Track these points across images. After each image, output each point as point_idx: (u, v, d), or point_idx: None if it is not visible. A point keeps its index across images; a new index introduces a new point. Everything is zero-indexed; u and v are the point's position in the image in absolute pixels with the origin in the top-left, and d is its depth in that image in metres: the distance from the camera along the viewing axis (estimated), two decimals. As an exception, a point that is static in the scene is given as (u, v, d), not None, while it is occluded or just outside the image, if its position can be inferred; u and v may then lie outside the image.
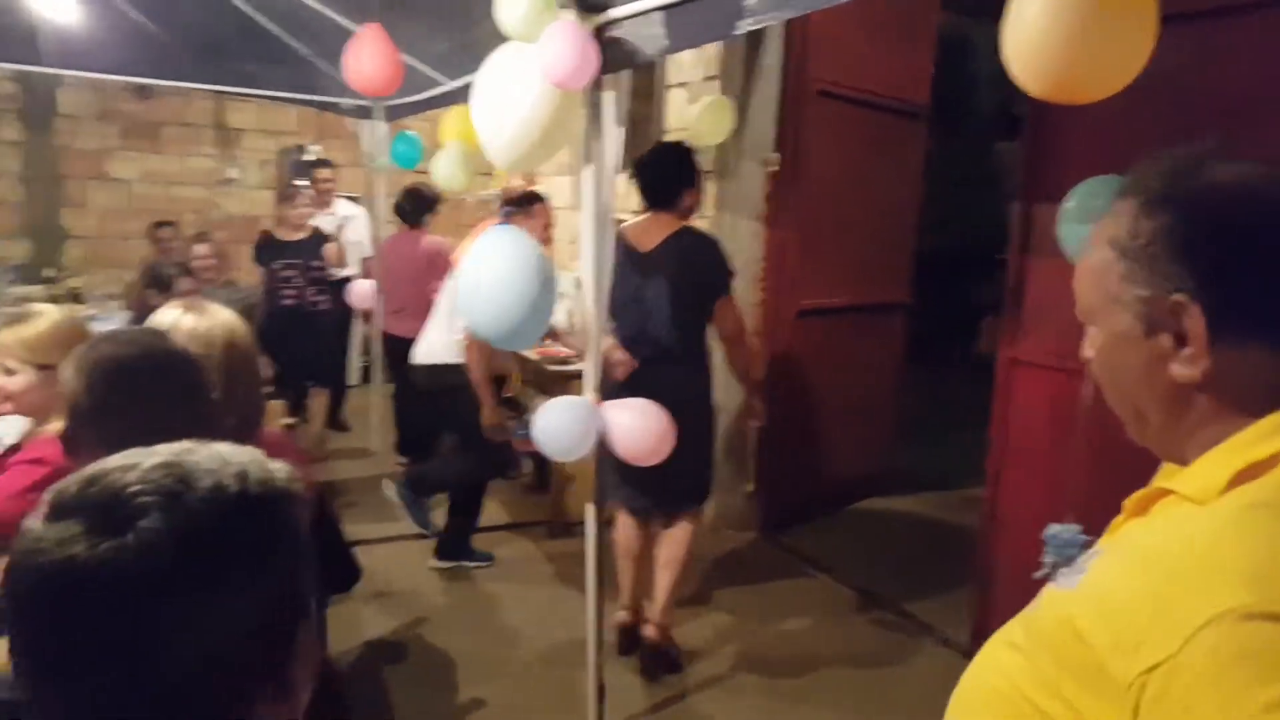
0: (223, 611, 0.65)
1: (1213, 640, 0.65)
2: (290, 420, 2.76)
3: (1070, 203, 2.25)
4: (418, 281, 4.73)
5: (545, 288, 2.41)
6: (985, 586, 3.22)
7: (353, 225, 5.83)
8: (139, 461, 0.68)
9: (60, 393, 1.33)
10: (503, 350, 3.47)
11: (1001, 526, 3.13)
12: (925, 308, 5.81)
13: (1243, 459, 0.76)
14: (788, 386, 4.51)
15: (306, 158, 6.81)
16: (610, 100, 2.46)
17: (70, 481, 0.68)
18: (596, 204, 2.50)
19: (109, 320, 3.90)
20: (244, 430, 1.68)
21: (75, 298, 4.97)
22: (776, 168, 4.39)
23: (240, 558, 0.67)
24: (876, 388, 5.13)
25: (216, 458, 0.71)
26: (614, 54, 2.40)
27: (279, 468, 0.75)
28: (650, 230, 3.09)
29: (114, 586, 0.61)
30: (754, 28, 1.94)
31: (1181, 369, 0.80)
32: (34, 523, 0.65)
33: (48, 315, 1.92)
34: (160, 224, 5.42)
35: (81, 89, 6.53)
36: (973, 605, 3.30)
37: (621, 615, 3.31)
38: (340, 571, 2.55)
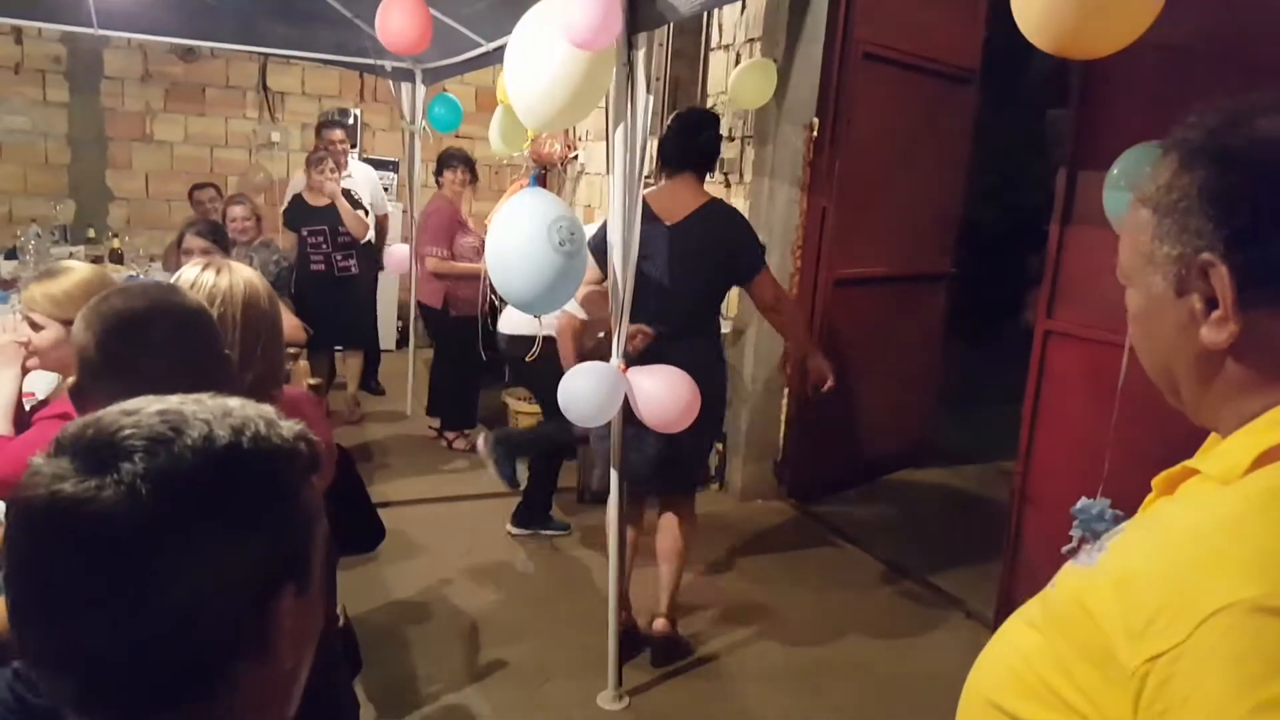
0: (201, 561, 0.63)
1: (1216, 633, 0.62)
2: (315, 381, 2.78)
3: (1115, 170, 2.17)
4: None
5: (557, 253, 2.38)
6: (1013, 560, 3.17)
7: (355, 187, 5.64)
8: (142, 407, 0.68)
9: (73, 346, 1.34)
10: (593, 328, 3.43)
11: (1031, 501, 3.07)
12: (973, 279, 5.69)
13: (1269, 439, 0.72)
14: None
15: (347, 120, 6.82)
16: (641, 60, 2.42)
17: (76, 423, 0.68)
18: (627, 166, 2.47)
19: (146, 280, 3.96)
20: (263, 388, 1.68)
21: (116, 257, 5.04)
22: (817, 132, 4.31)
23: (223, 509, 0.65)
24: (916, 359, 5.05)
25: (219, 409, 0.70)
26: (646, 12, 2.36)
27: (286, 427, 0.73)
28: (676, 200, 2.92)
29: (93, 525, 0.61)
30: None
31: (1210, 333, 0.76)
32: (36, 458, 0.66)
33: (77, 271, 1.94)
34: (199, 186, 5.47)
35: (127, 51, 6.61)
36: (1000, 579, 3.25)
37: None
38: (364, 531, 2.60)
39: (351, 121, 6.93)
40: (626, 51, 2.41)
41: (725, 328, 3.82)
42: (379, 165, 6.54)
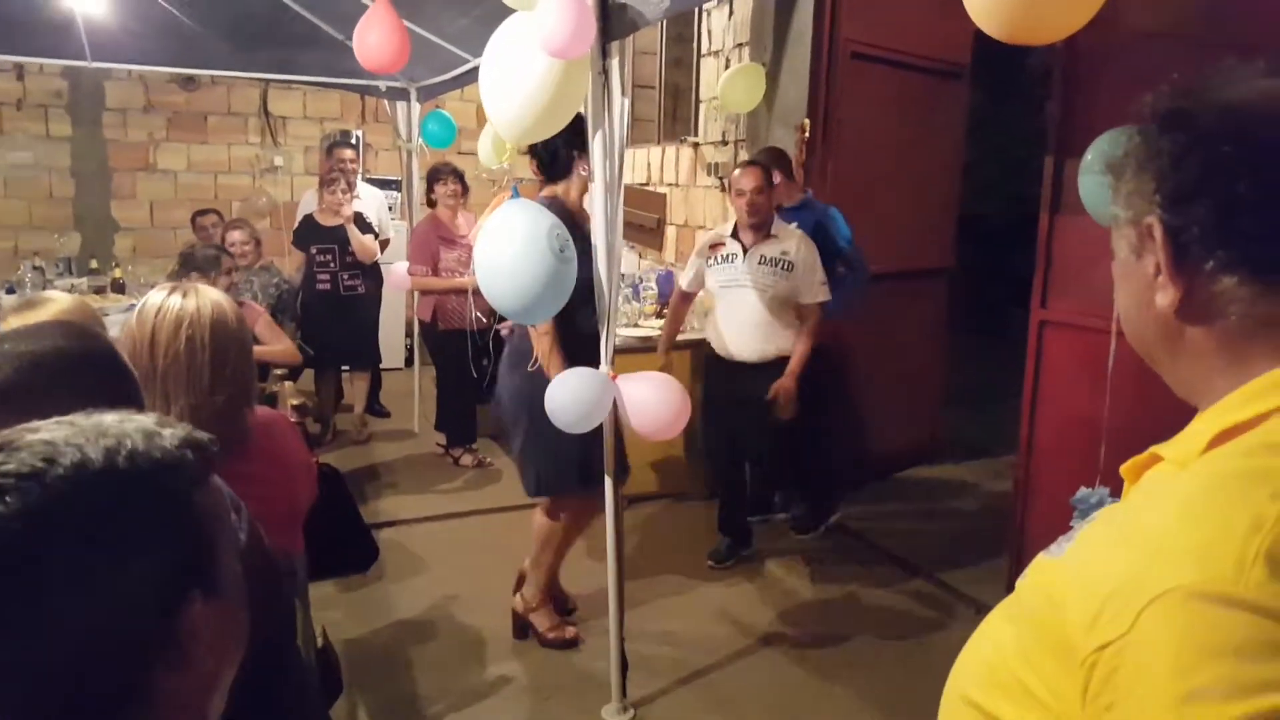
0: (88, 589, 0.63)
1: (1153, 621, 0.61)
2: (298, 401, 2.79)
3: (1089, 155, 2.15)
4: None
5: (558, 260, 2.39)
6: (1018, 553, 3.15)
7: (364, 209, 5.72)
8: (13, 440, 0.67)
9: None
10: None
11: (1033, 492, 3.05)
12: (974, 272, 5.65)
13: (1226, 420, 0.71)
14: (824, 355, 4.43)
15: (350, 141, 6.87)
16: (616, 68, 2.42)
17: None
18: (606, 173, 2.47)
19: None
20: (234, 408, 1.69)
21: (119, 287, 5.09)
22: (808, 133, 4.30)
23: (102, 534, 0.65)
24: (921, 355, 5.02)
25: (93, 430, 0.69)
26: (618, 20, 2.37)
27: (169, 435, 0.72)
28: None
29: None
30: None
31: (1160, 297, 0.75)
32: None
33: (56, 302, 1.94)
34: (201, 212, 5.52)
35: (129, 83, 6.69)
36: (1007, 574, 3.21)
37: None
38: (356, 552, 2.59)
39: (355, 142, 6.98)
40: (601, 60, 2.41)
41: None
42: (383, 185, 6.58)
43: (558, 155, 2.96)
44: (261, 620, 1.29)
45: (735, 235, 3.61)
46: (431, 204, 5.02)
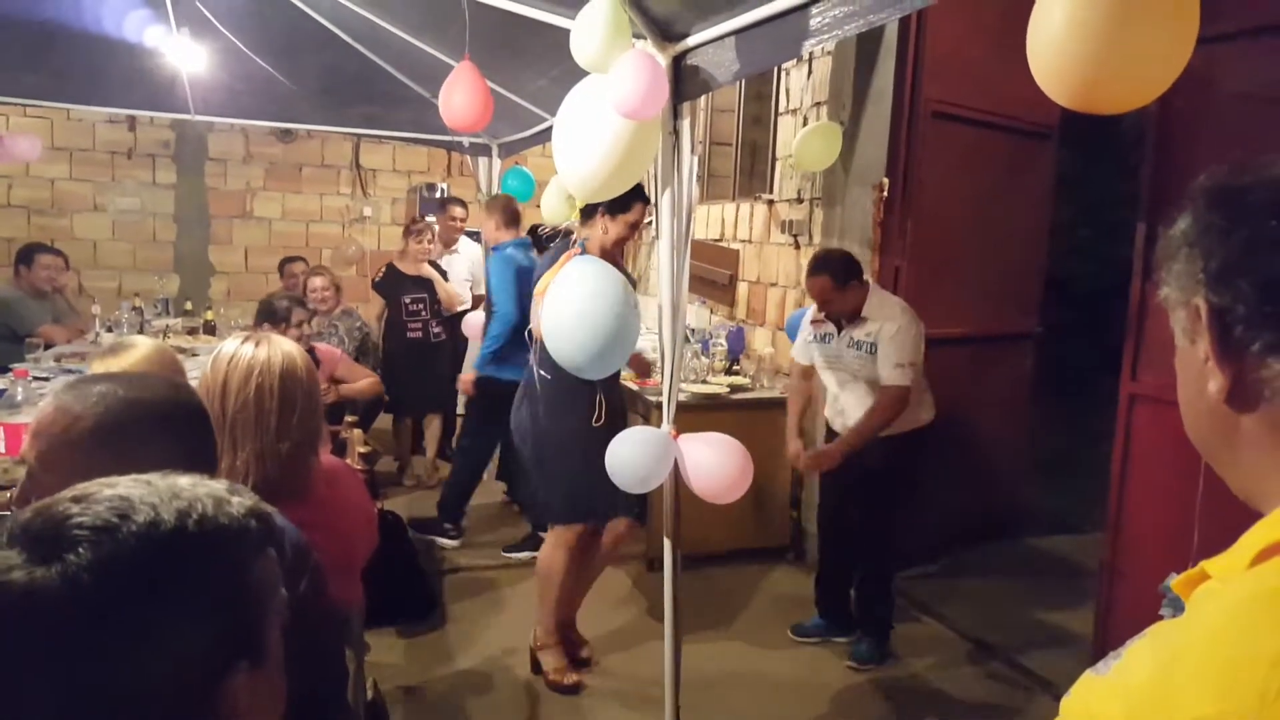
0: (144, 646, 0.64)
1: None
2: (366, 449, 2.82)
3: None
4: None
5: (623, 316, 2.40)
6: (1103, 640, 2.97)
7: (456, 262, 5.89)
8: (92, 493, 0.69)
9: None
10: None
11: (1121, 574, 2.88)
12: (1063, 338, 5.46)
13: (1275, 533, 0.65)
14: (909, 448, 4.28)
15: (435, 195, 7.07)
16: (686, 129, 2.43)
17: (27, 510, 0.69)
18: (674, 232, 2.46)
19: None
20: (299, 456, 1.72)
21: (210, 329, 5.29)
22: (887, 192, 4.24)
23: (166, 594, 0.66)
24: (1003, 422, 4.85)
25: (168, 491, 0.71)
26: (690, 82, 2.38)
27: (237, 504, 0.74)
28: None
29: (37, 615, 0.62)
30: (817, 46, 1.87)
31: (1211, 384, 0.69)
32: None
33: (139, 348, 2.01)
34: (289, 259, 5.73)
35: (230, 134, 7.03)
36: (1091, 659, 3.03)
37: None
38: (413, 599, 2.61)
39: (439, 195, 7.18)
40: (673, 120, 2.42)
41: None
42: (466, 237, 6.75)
43: (590, 208, 3.14)
44: (312, 670, 1.29)
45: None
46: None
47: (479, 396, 4.56)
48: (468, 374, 4.66)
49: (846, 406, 3.45)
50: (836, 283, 3.32)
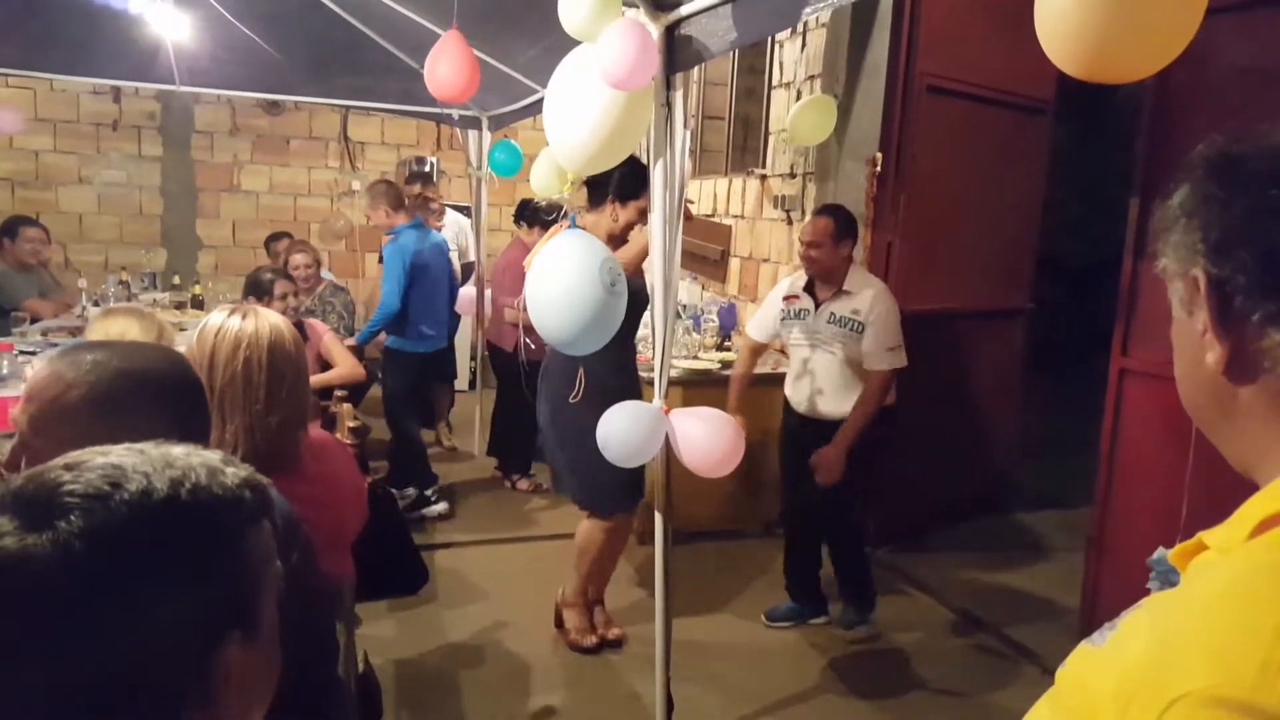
0: (136, 615, 0.64)
1: None
2: (356, 423, 2.80)
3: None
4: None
5: (607, 292, 2.37)
6: (1090, 613, 2.99)
7: (448, 235, 5.85)
8: (84, 461, 0.69)
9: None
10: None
11: (1109, 549, 2.89)
12: (1058, 313, 5.46)
13: (1274, 504, 0.64)
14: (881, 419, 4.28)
15: (424, 168, 7.01)
16: (679, 100, 2.40)
17: (21, 477, 0.69)
18: (666, 205, 2.44)
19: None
20: (288, 429, 1.70)
21: (198, 303, 5.25)
22: (880, 167, 4.22)
23: (158, 563, 0.66)
24: (994, 398, 4.86)
25: (160, 460, 0.70)
26: (683, 52, 2.35)
27: (231, 474, 0.73)
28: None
29: (29, 582, 0.62)
30: (814, 14, 1.84)
31: (1209, 355, 0.69)
32: None
33: (129, 314, 2.00)
34: (274, 236, 5.71)
35: (216, 106, 6.95)
36: (1078, 633, 3.05)
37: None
38: (405, 574, 2.59)
39: (429, 169, 7.12)
40: (665, 92, 2.39)
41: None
42: (456, 210, 6.70)
43: (600, 193, 3.13)
44: (303, 643, 1.28)
45: (810, 288, 3.37)
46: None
47: (387, 367, 4.74)
48: (351, 341, 4.59)
49: (824, 386, 3.34)
50: (838, 229, 3.26)
